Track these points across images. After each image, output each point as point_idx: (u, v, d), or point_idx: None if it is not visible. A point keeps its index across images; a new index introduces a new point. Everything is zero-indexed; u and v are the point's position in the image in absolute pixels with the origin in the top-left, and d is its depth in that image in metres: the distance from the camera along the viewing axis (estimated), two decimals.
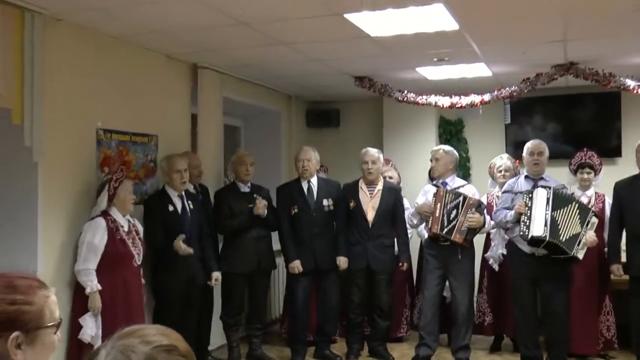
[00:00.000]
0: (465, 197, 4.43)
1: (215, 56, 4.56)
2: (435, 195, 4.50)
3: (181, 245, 3.88)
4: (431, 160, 4.78)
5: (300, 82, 5.76)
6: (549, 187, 4.18)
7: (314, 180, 4.79)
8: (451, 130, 6.51)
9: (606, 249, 4.54)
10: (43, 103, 3.29)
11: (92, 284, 3.42)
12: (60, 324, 1.31)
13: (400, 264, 4.71)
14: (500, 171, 4.98)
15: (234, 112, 5.92)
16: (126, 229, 3.62)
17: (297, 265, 4.62)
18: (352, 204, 4.73)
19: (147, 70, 4.32)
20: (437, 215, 4.42)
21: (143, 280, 3.79)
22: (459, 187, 4.60)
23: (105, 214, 3.57)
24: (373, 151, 4.81)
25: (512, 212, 4.25)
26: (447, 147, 4.78)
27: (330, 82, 5.72)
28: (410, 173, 5.95)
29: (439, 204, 4.43)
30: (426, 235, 4.67)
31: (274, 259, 4.82)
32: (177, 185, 4.07)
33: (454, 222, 4.39)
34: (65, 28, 3.54)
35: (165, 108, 4.52)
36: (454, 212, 4.40)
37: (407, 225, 4.84)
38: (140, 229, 3.78)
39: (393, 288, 4.88)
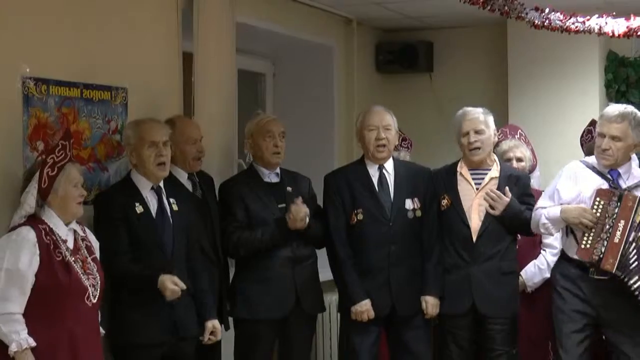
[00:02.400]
0: None
1: None
2: (608, 198, 4.31)
3: (169, 284, 3.86)
4: (588, 134, 4.84)
5: None
6: None
7: (390, 166, 4.83)
8: (628, 75, 6.43)
9: None
10: None
11: (20, 338, 3.42)
12: None
13: None
14: None
15: (255, 48, 5.94)
16: (71, 245, 3.63)
17: (366, 309, 4.65)
18: (444, 201, 4.80)
19: None
20: (615, 240, 4.26)
21: (102, 330, 3.82)
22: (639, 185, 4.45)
23: (35, 220, 3.57)
24: (476, 112, 4.80)
25: None
26: (627, 109, 4.49)
27: None
28: (554, 152, 5.89)
29: (622, 221, 4.26)
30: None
31: (321, 296, 4.87)
32: (150, 168, 4.06)
33: None
34: None
35: (139, 43, 4.54)
36: None
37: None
38: (96, 244, 3.81)
39: (519, 347, 4.82)
